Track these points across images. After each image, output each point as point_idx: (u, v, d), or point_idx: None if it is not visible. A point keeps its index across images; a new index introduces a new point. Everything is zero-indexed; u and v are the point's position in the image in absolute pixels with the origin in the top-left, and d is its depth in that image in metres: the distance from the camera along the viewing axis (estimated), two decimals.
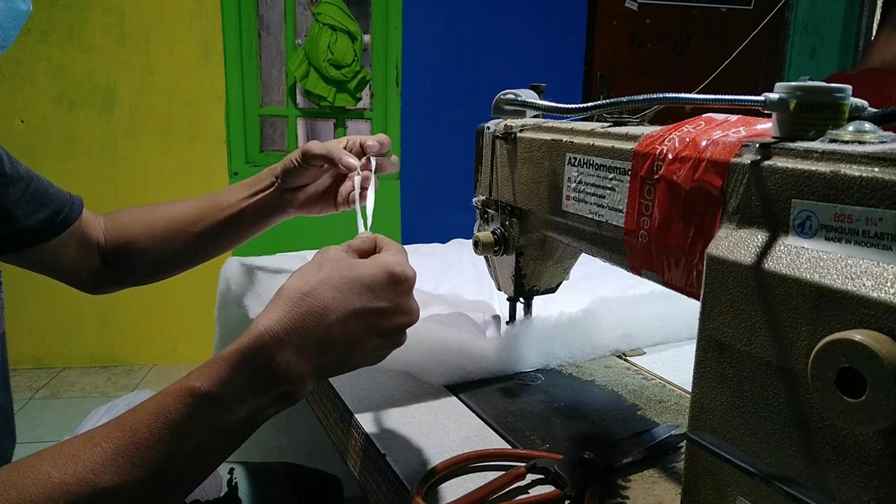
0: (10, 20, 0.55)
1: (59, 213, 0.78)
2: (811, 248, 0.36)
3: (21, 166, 0.74)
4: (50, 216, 0.76)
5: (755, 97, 0.41)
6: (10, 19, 0.55)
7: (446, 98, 2.80)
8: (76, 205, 0.80)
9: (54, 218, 0.77)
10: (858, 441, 0.33)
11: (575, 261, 0.74)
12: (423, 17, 2.73)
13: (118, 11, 2.50)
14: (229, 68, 2.64)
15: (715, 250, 0.40)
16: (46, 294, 2.60)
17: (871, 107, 0.43)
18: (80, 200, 0.82)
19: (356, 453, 0.61)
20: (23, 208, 0.73)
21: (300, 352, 0.43)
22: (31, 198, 0.74)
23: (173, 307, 2.68)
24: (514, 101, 0.66)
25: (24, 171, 0.74)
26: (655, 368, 0.74)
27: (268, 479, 0.88)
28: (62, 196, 0.79)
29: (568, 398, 0.66)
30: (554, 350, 0.73)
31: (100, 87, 2.53)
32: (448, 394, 0.67)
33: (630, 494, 0.50)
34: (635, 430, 0.58)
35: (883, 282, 0.31)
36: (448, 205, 2.72)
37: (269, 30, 3.16)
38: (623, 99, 0.48)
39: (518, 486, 0.52)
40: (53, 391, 2.53)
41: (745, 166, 0.40)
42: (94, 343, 2.74)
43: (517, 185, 0.66)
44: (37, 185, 0.75)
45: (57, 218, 0.77)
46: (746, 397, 0.39)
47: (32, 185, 0.75)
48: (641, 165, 0.49)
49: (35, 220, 0.75)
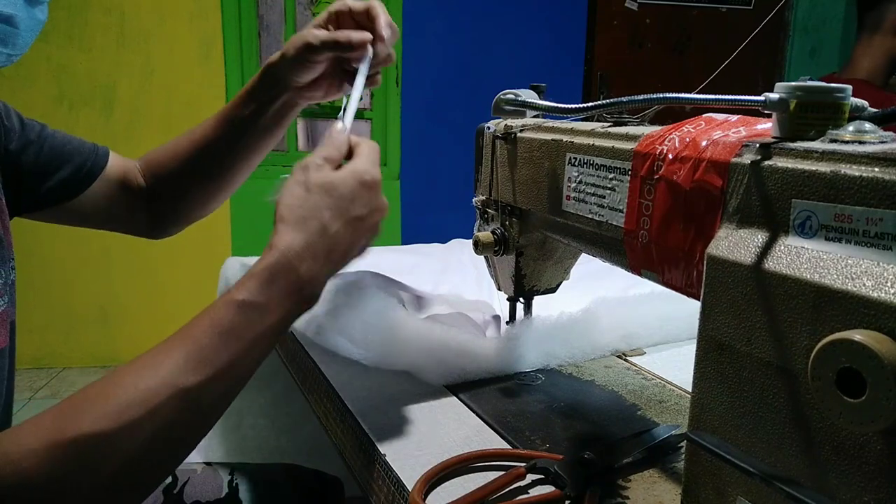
0: (30, 30, 0.55)
1: (82, 168, 0.78)
2: (811, 248, 0.36)
3: (33, 129, 0.74)
4: (72, 172, 0.76)
5: (755, 97, 0.40)
6: (31, 29, 0.55)
7: (446, 98, 2.80)
8: (100, 155, 0.80)
9: (77, 173, 0.77)
10: (858, 441, 0.33)
11: (575, 261, 0.74)
12: (423, 17, 2.73)
13: (118, 12, 2.50)
14: (229, 68, 2.64)
15: (715, 250, 0.40)
16: (46, 294, 2.60)
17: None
18: (104, 150, 0.81)
19: (356, 453, 0.61)
20: (41, 168, 0.74)
21: (315, 261, 0.54)
22: (46, 158, 0.74)
23: (173, 307, 2.68)
24: (514, 101, 0.66)
25: (37, 132, 0.74)
26: (655, 368, 0.74)
27: (268, 480, 0.88)
28: (83, 149, 0.79)
29: (568, 398, 0.66)
30: (554, 350, 0.73)
31: (100, 87, 2.53)
32: (448, 394, 0.67)
33: (630, 494, 0.50)
34: (635, 430, 0.58)
35: (883, 282, 0.31)
36: (448, 205, 2.72)
37: (269, 30, 3.16)
38: (623, 99, 0.48)
39: (518, 486, 0.52)
40: (53, 391, 2.53)
41: (746, 166, 0.40)
42: (94, 343, 2.74)
43: (517, 185, 0.66)
44: (51, 144, 0.75)
45: (80, 172, 0.77)
46: (746, 397, 0.39)
47: (47, 145, 0.75)
48: (641, 165, 0.49)
49: (56, 180, 0.75)
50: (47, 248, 2.54)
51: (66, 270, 2.58)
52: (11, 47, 0.54)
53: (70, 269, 2.61)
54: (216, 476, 0.85)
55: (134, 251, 2.62)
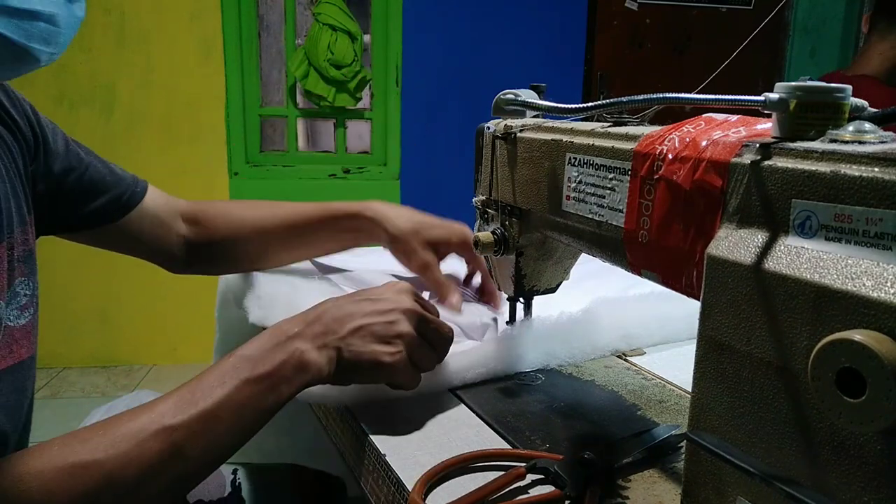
0: (70, 27, 0.56)
1: (120, 199, 0.80)
2: (811, 248, 0.36)
3: (77, 154, 0.76)
4: (109, 201, 0.79)
5: (755, 97, 0.40)
6: (71, 27, 0.56)
7: (446, 98, 2.80)
8: (138, 192, 0.83)
9: (114, 203, 0.80)
10: (858, 441, 0.33)
11: (575, 261, 0.74)
12: (423, 17, 2.73)
13: (118, 11, 2.50)
14: (229, 68, 2.64)
15: (715, 250, 0.40)
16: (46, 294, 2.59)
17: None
18: (143, 185, 0.84)
19: (356, 453, 0.61)
20: (80, 194, 0.76)
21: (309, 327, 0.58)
22: (87, 186, 0.77)
23: (173, 307, 2.68)
24: (514, 101, 0.66)
25: (80, 158, 0.77)
26: (655, 368, 0.74)
27: (271, 479, 0.88)
28: (123, 182, 0.81)
29: (568, 398, 0.66)
30: (554, 350, 0.73)
31: (100, 87, 2.53)
32: (448, 394, 0.67)
33: (630, 494, 0.50)
34: (635, 430, 0.58)
35: (883, 282, 0.31)
36: (448, 205, 2.72)
37: (269, 30, 3.17)
38: (623, 99, 0.48)
39: (518, 486, 0.52)
40: (53, 391, 2.53)
41: (746, 166, 0.40)
42: (94, 343, 2.75)
43: (517, 185, 0.66)
44: (93, 173, 0.77)
45: (118, 203, 0.80)
46: (746, 397, 0.39)
47: (88, 173, 0.77)
48: (641, 165, 0.49)
49: (93, 207, 0.78)
50: (47, 248, 2.53)
51: (66, 270, 2.58)
52: (53, 46, 0.54)
53: (70, 269, 2.61)
54: (219, 475, 0.85)
55: None
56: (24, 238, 0.64)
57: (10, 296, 0.61)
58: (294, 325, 0.58)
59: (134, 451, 0.49)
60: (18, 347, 0.61)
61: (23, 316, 0.62)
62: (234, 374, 0.54)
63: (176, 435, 0.51)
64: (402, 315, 0.59)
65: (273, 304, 0.83)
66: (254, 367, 0.54)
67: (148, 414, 0.51)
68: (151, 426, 0.50)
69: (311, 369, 0.56)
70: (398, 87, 2.77)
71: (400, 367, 0.59)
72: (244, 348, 0.56)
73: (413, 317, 0.60)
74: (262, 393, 0.54)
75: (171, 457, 0.50)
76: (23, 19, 0.50)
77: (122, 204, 0.80)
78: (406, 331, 0.59)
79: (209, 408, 0.52)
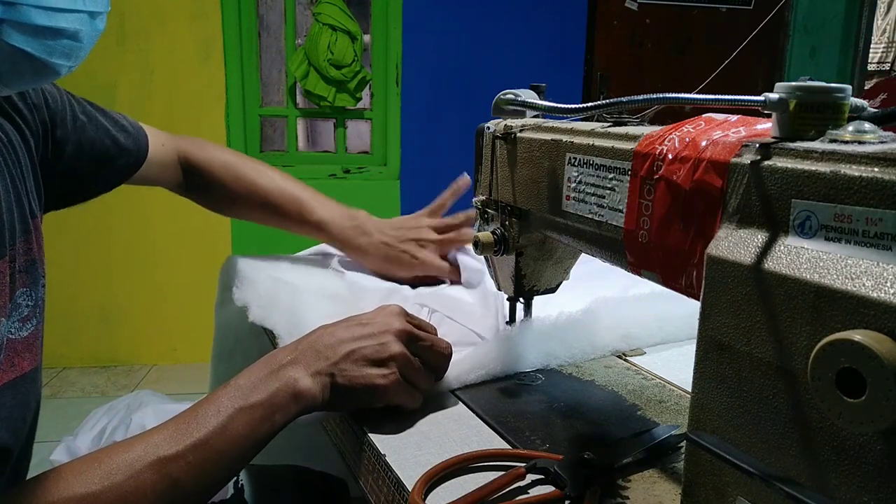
0: (91, 41, 0.56)
1: (126, 168, 0.86)
2: (811, 248, 0.36)
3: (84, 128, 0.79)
4: (117, 170, 0.84)
5: (755, 97, 0.40)
6: (91, 40, 0.56)
7: (446, 98, 2.80)
8: (141, 155, 0.88)
9: (121, 172, 0.85)
10: (858, 441, 0.33)
11: (575, 261, 0.74)
12: (423, 17, 2.73)
13: (118, 11, 2.50)
14: (229, 68, 2.64)
15: (715, 250, 0.40)
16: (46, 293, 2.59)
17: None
18: (144, 143, 0.88)
19: (356, 453, 0.61)
20: (87, 172, 0.80)
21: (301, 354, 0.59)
22: (95, 162, 0.81)
23: (173, 307, 2.68)
24: (514, 101, 0.66)
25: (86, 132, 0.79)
26: (655, 368, 0.74)
27: (274, 481, 0.89)
28: (127, 151, 0.85)
29: (568, 398, 0.66)
30: (554, 350, 0.73)
31: (100, 87, 2.53)
32: (448, 394, 0.67)
33: (630, 494, 0.50)
34: (635, 430, 0.58)
35: (883, 282, 0.31)
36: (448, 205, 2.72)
37: (269, 30, 3.16)
38: (623, 99, 0.48)
39: (518, 486, 0.52)
40: (53, 391, 2.53)
41: (745, 166, 0.40)
42: (94, 343, 2.74)
43: (517, 185, 0.66)
44: (98, 150, 0.81)
45: (123, 173, 0.86)
46: (746, 397, 0.39)
47: (95, 149, 0.80)
48: (641, 165, 0.49)
49: (100, 178, 0.83)
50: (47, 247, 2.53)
51: (66, 270, 2.58)
52: (74, 59, 0.54)
53: (70, 269, 2.61)
54: None
55: (134, 251, 2.62)
56: (27, 247, 0.64)
57: (12, 308, 0.60)
58: (287, 354, 0.58)
59: (129, 483, 0.50)
60: (21, 360, 0.60)
61: (25, 328, 0.62)
62: (229, 403, 0.54)
63: (171, 466, 0.51)
64: (393, 336, 0.60)
65: (273, 305, 0.83)
66: (248, 395, 0.55)
67: (143, 445, 0.52)
68: (146, 457, 0.51)
69: (305, 397, 0.56)
70: (398, 87, 2.77)
71: (394, 389, 0.59)
72: (238, 377, 0.57)
73: (404, 337, 0.60)
74: (256, 422, 0.55)
75: (166, 488, 0.51)
76: (47, 37, 0.50)
77: (129, 168, 0.86)
78: (398, 351, 0.59)
79: (203, 438, 0.52)
